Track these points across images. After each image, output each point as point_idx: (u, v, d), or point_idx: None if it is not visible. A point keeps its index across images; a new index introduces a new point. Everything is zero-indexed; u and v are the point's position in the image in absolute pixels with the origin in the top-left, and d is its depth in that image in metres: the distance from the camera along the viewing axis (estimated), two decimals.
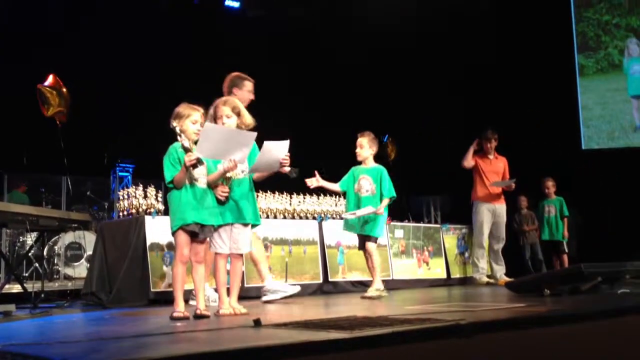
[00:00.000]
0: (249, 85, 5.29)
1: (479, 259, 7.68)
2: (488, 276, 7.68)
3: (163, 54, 9.12)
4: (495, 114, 9.52)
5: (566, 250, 8.27)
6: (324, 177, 5.31)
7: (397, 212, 8.11)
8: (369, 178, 5.38)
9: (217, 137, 3.73)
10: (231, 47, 9.53)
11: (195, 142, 3.73)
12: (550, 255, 8.44)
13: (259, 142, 3.97)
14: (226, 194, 3.91)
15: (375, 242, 5.43)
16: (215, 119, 3.98)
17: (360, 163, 5.53)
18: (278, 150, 4.07)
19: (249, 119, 4.07)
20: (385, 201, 5.33)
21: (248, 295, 5.44)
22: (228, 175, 3.91)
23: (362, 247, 5.46)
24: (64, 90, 7.72)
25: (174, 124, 3.78)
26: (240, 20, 10.29)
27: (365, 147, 5.40)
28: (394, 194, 5.37)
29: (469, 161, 7.73)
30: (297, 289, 5.27)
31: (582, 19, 10.65)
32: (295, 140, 4.21)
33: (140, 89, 8.82)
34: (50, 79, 7.68)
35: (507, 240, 7.86)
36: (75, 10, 8.88)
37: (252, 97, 5.31)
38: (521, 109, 10.01)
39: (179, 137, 3.72)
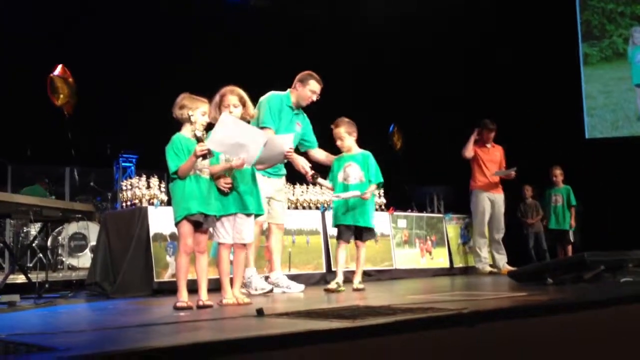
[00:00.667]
0: (313, 84, 5.16)
1: (481, 248, 7.69)
2: (491, 265, 7.69)
3: (165, 46, 9.07)
4: (499, 103, 9.49)
5: (572, 240, 8.25)
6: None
7: (400, 202, 8.10)
8: (356, 165, 5.06)
9: (232, 129, 3.75)
10: (232, 45, 9.48)
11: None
12: (556, 244, 8.43)
13: None
14: (229, 186, 3.93)
15: (374, 235, 5.17)
16: (220, 107, 3.98)
17: None
18: (282, 144, 4.18)
19: (253, 110, 4.10)
20: (373, 187, 5.03)
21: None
22: None
23: (352, 238, 5.07)
24: (71, 80, 7.72)
25: (189, 112, 3.77)
26: (243, 18, 10.20)
27: (345, 136, 5.09)
28: (382, 180, 5.09)
29: (469, 151, 7.73)
30: (302, 287, 5.17)
31: (586, 7, 10.59)
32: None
33: (142, 79, 8.78)
34: (59, 69, 7.67)
35: (511, 229, 7.85)
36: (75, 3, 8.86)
37: (314, 98, 5.18)
38: (525, 98, 9.97)
39: (194, 127, 3.73)
